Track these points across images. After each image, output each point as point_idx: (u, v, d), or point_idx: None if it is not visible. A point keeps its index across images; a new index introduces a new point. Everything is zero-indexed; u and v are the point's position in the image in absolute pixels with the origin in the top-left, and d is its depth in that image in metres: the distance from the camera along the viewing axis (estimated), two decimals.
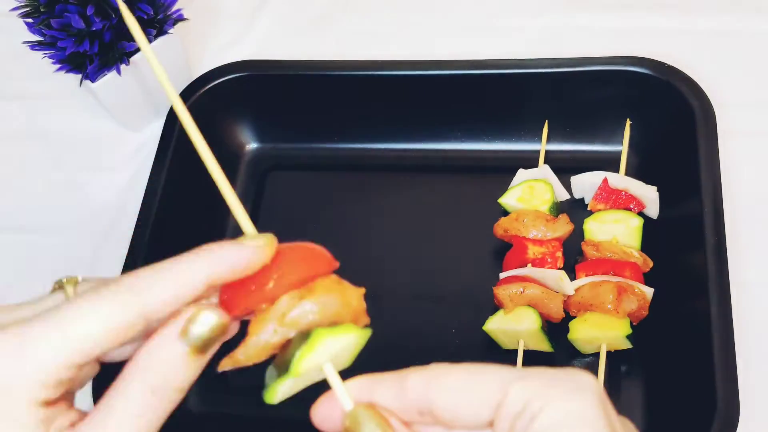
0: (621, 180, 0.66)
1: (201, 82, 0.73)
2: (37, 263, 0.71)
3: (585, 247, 0.63)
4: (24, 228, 0.74)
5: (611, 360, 0.60)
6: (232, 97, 0.74)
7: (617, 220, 0.64)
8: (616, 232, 0.63)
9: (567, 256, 0.64)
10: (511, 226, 0.64)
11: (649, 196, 0.65)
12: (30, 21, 0.67)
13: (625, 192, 0.66)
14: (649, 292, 0.60)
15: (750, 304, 0.61)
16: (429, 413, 0.32)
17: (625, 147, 0.68)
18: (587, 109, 0.70)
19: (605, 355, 0.59)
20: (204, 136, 0.34)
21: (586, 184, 0.68)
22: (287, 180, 0.76)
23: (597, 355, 0.60)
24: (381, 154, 0.75)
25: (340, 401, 0.33)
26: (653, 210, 0.66)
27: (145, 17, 0.68)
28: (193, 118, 0.34)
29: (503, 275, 0.63)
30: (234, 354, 0.34)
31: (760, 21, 0.76)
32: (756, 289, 0.62)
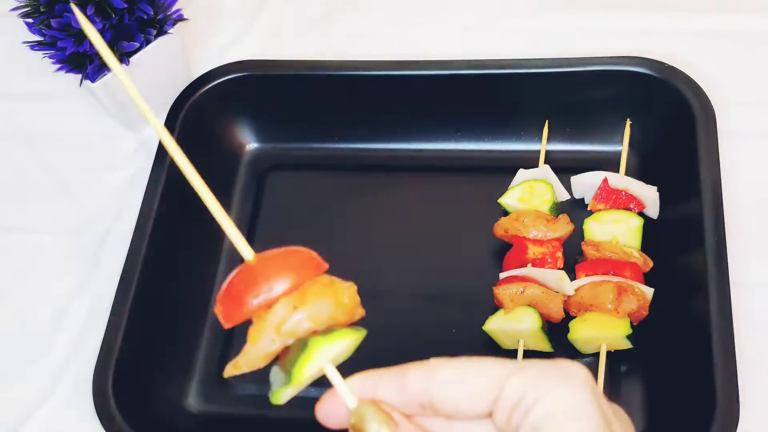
0: (621, 180, 0.66)
1: (201, 82, 0.73)
2: (37, 263, 0.71)
3: (585, 247, 0.63)
4: (24, 228, 0.73)
5: (611, 360, 0.60)
6: (232, 97, 0.74)
7: (617, 220, 0.64)
8: (616, 232, 0.63)
9: (567, 256, 0.64)
10: (512, 226, 0.64)
11: (649, 196, 0.65)
12: (30, 21, 0.67)
13: (625, 192, 0.66)
14: (649, 292, 0.60)
15: (750, 304, 0.61)
16: (430, 406, 0.33)
17: (625, 147, 0.68)
18: (587, 109, 0.70)
19: (605, 355, 0.59)
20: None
21: (586, 184, 0.68)
22: (287, 180, 0.76)
23: (597, 355, 0.60)
24: (381, 154, 0.75)
25: (343, 399, 0.34)
26: (653, 210, 0.66)
27: (145, 17, 0.68)
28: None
29: (503, 275, 0.63)
30: (236, 361, 0.35)
31: (760, 21, 0.76)
32: (756, 289, 0.62)
